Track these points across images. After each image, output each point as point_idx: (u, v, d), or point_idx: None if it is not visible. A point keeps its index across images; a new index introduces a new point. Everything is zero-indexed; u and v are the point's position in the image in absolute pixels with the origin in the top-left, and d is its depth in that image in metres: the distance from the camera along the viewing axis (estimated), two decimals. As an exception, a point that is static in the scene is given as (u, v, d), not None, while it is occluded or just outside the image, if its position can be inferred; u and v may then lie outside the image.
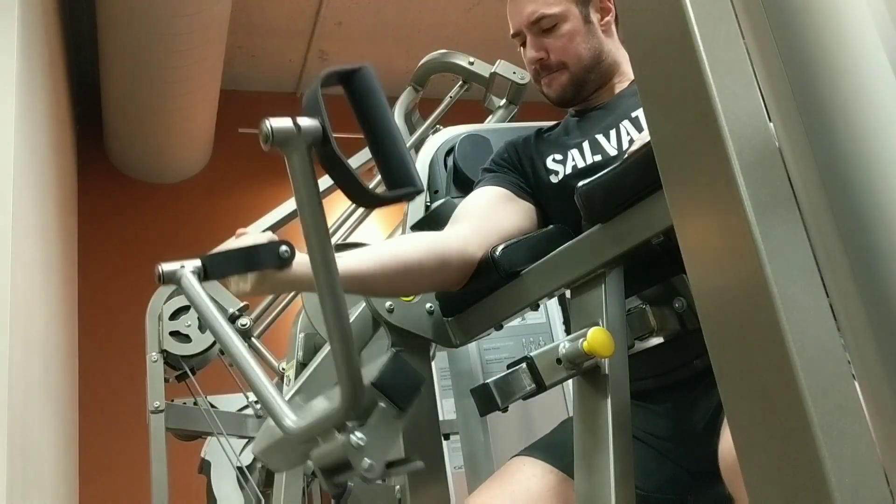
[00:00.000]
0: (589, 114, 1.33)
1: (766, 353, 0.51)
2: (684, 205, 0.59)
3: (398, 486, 1.13)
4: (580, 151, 1.26)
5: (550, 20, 1.29)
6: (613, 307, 0.89)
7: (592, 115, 1.32)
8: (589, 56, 1.30)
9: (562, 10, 1.29)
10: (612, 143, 1.24)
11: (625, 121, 1.25)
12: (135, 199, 4.67)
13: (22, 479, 1.77)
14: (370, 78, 0.72)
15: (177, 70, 3.83)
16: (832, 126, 0.49)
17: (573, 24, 1.29)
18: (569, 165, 1.27)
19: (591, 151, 1.26)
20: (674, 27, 0.57)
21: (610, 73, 1.33)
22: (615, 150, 1.23)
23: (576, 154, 1.27)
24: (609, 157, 1.23)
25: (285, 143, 0.68)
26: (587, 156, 1.26)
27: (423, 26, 4.89)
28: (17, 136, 1.93)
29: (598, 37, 1.32)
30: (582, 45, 1.30)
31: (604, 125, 1.27)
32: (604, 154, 1.24)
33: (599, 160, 1.24)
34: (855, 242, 0.48)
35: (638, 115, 1.23)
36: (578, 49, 1.30)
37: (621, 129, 1.24)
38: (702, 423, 1.07)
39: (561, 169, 1.27)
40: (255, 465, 2.80)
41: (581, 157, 1.26)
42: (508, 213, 1.25)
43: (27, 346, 2.02)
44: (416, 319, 1.19)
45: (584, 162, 1.25)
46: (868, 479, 0.48)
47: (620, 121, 1.25)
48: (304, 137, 0.68)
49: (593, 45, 1.31)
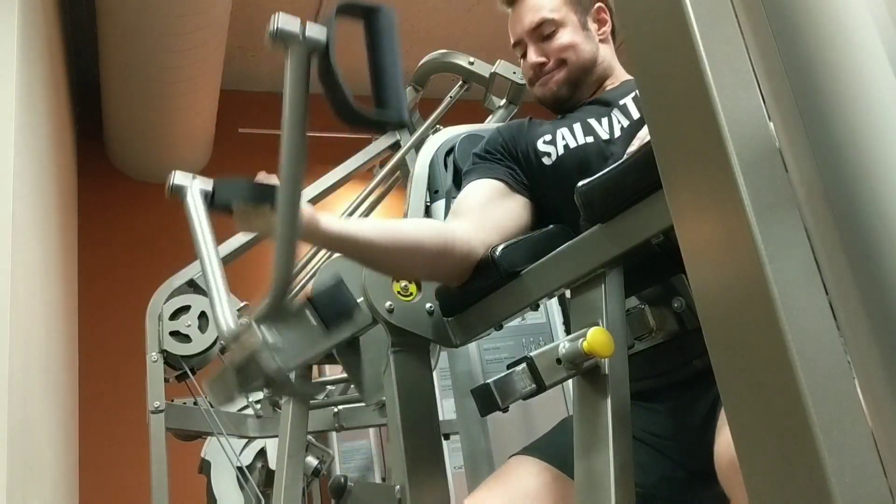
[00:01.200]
0: (580, 107, 1.36)
1: (766, 353, 0.51)
2: (684, 205, 0.59)
3: (398, 486, 1.12)
4: (570, 131, 1.29)
5: (550, 26, 1.34)
6: (613, 307, 0.89)
7: (584, 108, 1.35)
8: (586, 58, 1.35)
9: (561, 17, 1.34)
10: (605, 127, 1.27)
11: (615, 109, 1.28)
12: (135, 199, 4.67)
13: (22, 479, 1.77)
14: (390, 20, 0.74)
15: (177, 70, 3.84)
16: (832, 126, 0.49)
17: (572, 29, 1.34)
18: (559, 145, 1.28)
19: (582, 132, 1.28)
20: (674, 27, 0.57)
21: (604, 76, 1.37)
22: (607, 133, 1.26)
23: (566, 133, 1.29)
24: (601, 140, 1.25)
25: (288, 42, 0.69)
26: (578, 136, 1.28)
27: (423, 27, 4.89)
28: (17, 136, 1.93)
29: (595, 43, 1.37)
30: (580, 48, 1.34)
31: (596, 113, 1.30)
32: (595, 136, 1.26)
33: (591, 141, 1.26)
34: (855, 242, 0.48)
35: (625, 102, 1.27)
36: (577, 51, 1.34)
37: (612, 117, 1.28)
38: (700, 422, 1.07)
39: (552, 150, 1.29)
40: (255, 465, 2.80)
41: (572, 136, 1.28)
42: (507, 210, 1.25)
43: (27, 346, 2.02)
44: (416, 319, 1.19)
45: (575, 142, 1.27)
46: (868, 479, 0.48)
47: (611, 110, 1.29)
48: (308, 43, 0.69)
49: (591, 49, 1.36)
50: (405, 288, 1.19)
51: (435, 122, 2.25)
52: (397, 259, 1.11)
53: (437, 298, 1.19)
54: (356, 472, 3.33)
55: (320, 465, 2.69)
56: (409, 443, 1.12)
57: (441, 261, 1.12)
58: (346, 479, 1.40)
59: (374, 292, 1.15)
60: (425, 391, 1.17)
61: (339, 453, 3.29)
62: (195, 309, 2.26)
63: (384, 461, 3.40)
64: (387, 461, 3.38)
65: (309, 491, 2.98)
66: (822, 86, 0.49)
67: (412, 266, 1.14)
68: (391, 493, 1.20)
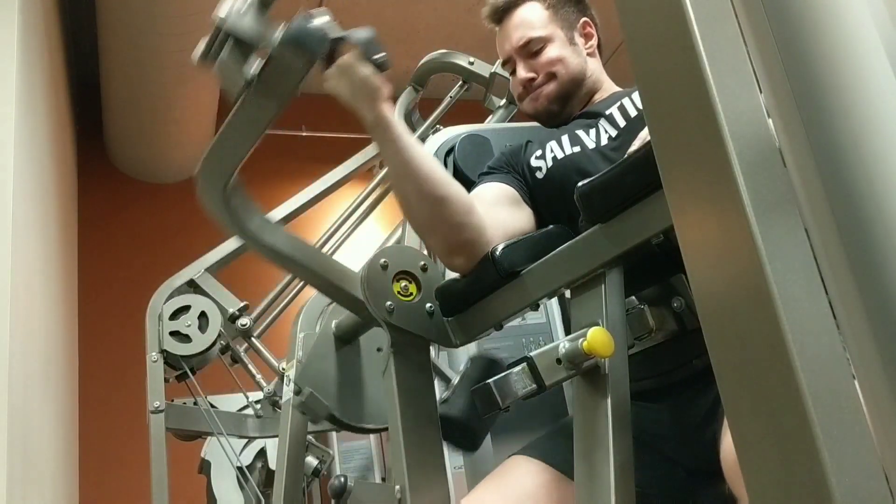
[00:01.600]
0: (571, 120, 1.38)
1: (766, 353, 0.51)
2: (684, 205, 0.59)
3: (398, 487, 1.12)
4: (559, 143, 1.31)
5: (537, 42, 1.36)
6: (613, 307, 0.89)
7: (573, 121, 1.37)
8: (575, 72, 1.37)
9: (548, 33, 1.36)
10: (591, 136, 1.29)
11: (601, 119, 1.30)
12: (135, 199, 4.67)
13: (22, 478, 1.78)
14: None
15: (177, 70, 3.83)
16: (832, 126, 0.49)
17: (559, 44, 1.37)
18: (548, 158, 1.30)
19: (569, 143, 1.30)
20: (674, 27, 0.57)
21: (593, 90, 1.39)
22: (593, 143, 1.27)
23: (554, 146, 1.31)
24: (588, 149, 1.27)
25: None
26: (566, 146, 1.30)
27: (423, 26, 4.89)
28: (17, 136, 1.93)
29: (583, 57, 1.39)
30: (568, 63, 1.36)
31: (583, 125, 1.32)
32: (582, 146, 1.28)
33: (578, 150, 1.27)
34: (855, 242, 0.48)
35: (611, 111, 1.29)
36: (566, 64, 1.36)
37: (599, 126, 1.29)
38: (700, 422, 1.07)
39: (542, 164, 1.31)
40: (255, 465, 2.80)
41: (560, 148, 1.30)
42: (515, 214, 1.26)
43: (27, 345, 2.02)
44: (416, 319, 1.19)
45: (562, 152, 1.29)
46: (868, 479, 0.48)
47: (598, 120, 1.30)
48: None
49: (579, 62, 1.38)
50: (405, 288, 1.19)
51: (435, 122, 2.25)
52: (429, 188, 1.08)
53: (437, 298, 1.19)
54: (356, 472, 3.33)
55: (320, 465, 2.69)
56: (409, 443, 1.11)
57: (460, 219, 1.10)
58: (345, 479, 1.39)
59: (374, 292, 1.15)
60: (425, 391, 1.17)
61: (338, 453, 3.28)
62: (195, 309, 2.25)
63: (384, 461, 3.40)
64: (387, 461, 3.38)
65: (309, 491, 2.97)
66: (822, 85, 0.49)
67: (432, 212, 1.10)
68: (391, 493, 1.20)
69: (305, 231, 3.10)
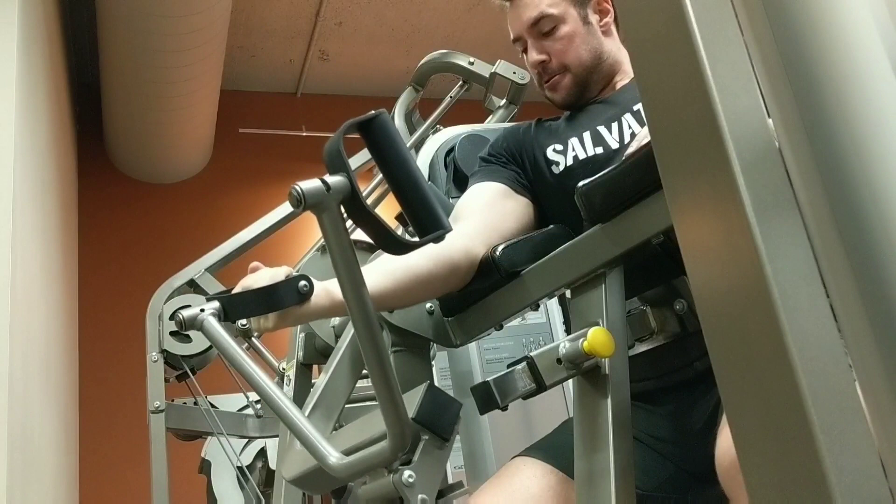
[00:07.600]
0: (590, 107, 1.33)
1: (766, 354, 0.51)
2: (684, 205, 0.59)
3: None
4: (580, 142, 1.27)
5: (549, 21, 1.30)
6: (613, 307, 0.89)
7: (593, 108, 1.32)
8: (589, 57, 1.31)
9: (560, 12, 1.30)
10: (614, 135, 1.25)
11: (626, 114, 1.25)
12: (135, 199, 4.68)
13: (22, 478, 1.77)
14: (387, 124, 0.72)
15: (177, 70, 3.84)
16: (832, 126, 0.49)
17: (572, 25, 1.30)
18: (569, 156, 1.27)
19: (592, 143, 1.26)
20: (674, 27, 0.57)
21: (612, 72, 1.34)
22: (616, 142, 1.23)
23: (576, 144, 1.27)
24: (611, 150, 1.23)
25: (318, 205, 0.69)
26: (588, 147, 1.26)
27: (423, 26, 4.89)
28: (17, 136, 1.93)
29: (598, 37, 1.33)
30: (582, 46, 1.31)
31: (605, 117, 1.27)
32: (605, 146, 1.24)
33: (601, 152, 1.24)
34: (855, 242, 0.48)
35: (640, 108, 1.23)
36: (579, 51, 1.31)
37: (623, 122, 1.25)
38: (701, 424, 1.07)
39: (562, 160, 1.27)
40: (255, 465, 2.80)
41: (582, 147, 1.26)
42: (508, 211, 1.25)
43: (27, 346, 2.02)
44: (416, 319, 1.19)
45: (585, 153, 1.26)
46: (868, 479, 0.48)
47: (623, 114, 1.26)
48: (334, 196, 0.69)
49: (593, 45, 1.32)
50: (405, 288, 1.19)
51: (435, 122, 2.25)
52: (413, 294, 1.12)
53: (438, 299, 1.19)
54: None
55: (320, 465, 2.69)
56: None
57: (451, 278, 1.13)
58: (345, 478, 1.39)
59: (374, 292, 1.14)
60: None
61: (339, 453, 3.28)
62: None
63: (384, 461, 3.40)
64: (387, 461, 3.38)
65: (309, 491, 2.97)
66: (822, 85, 0.49)
67: (426, 294, 1.16)
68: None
69: (305, 231, 3.10)
